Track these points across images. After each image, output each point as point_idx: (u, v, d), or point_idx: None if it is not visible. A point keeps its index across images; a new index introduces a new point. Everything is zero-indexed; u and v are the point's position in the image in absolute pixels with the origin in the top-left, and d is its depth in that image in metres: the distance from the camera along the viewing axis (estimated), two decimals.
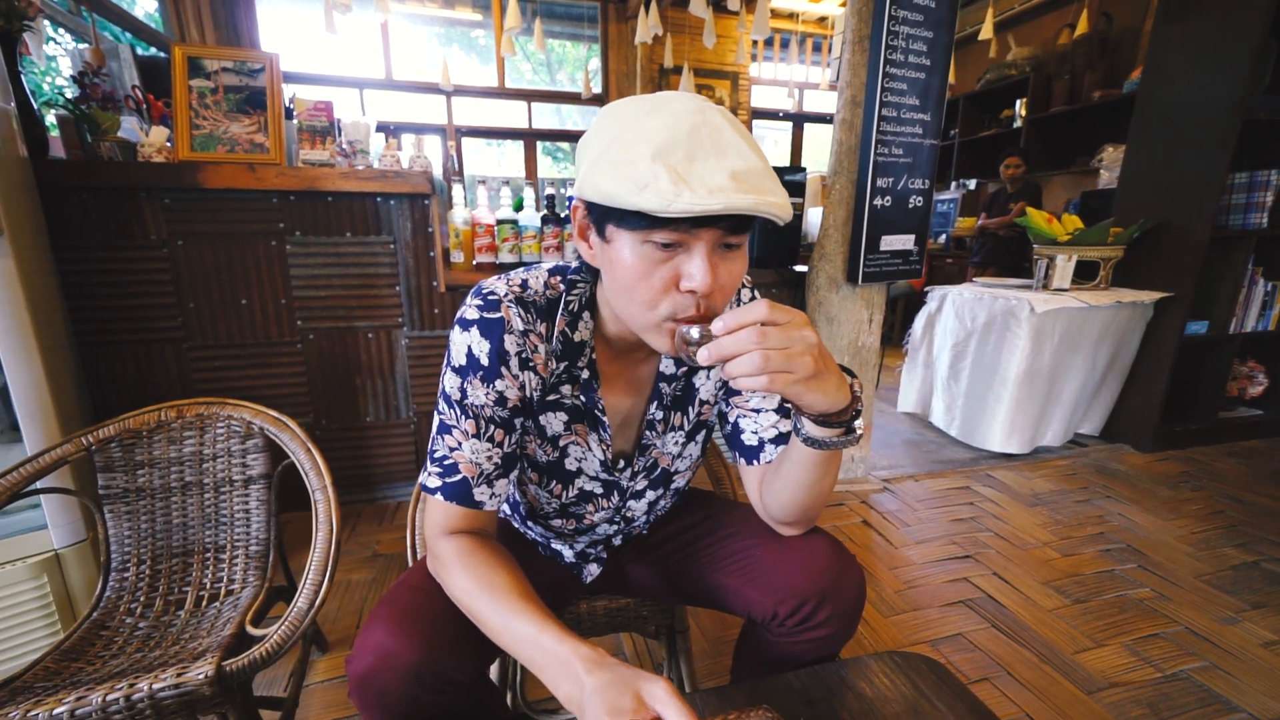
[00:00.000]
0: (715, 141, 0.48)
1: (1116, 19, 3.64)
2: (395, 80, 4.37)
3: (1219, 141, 2.08)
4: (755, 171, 0.48)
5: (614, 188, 0.48)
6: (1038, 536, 1.70)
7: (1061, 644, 1.26)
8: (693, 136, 0.48)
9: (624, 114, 0.52)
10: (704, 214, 0.46)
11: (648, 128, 0.49)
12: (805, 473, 0.60)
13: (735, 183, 0.46)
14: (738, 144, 0.49)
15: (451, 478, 0.61)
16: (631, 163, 0.47)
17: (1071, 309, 2.10)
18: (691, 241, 0.50)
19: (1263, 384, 2.54)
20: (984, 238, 3.81)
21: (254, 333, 1.58)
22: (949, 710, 0.62)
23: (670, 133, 0.48)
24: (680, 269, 0.51)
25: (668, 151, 0.47)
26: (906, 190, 1.77)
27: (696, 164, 0.47)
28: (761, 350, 0.47)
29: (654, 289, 0.52)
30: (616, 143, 0.50)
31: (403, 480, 1.83)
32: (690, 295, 0.52)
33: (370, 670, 0.55)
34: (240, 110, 1.54)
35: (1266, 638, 1.30)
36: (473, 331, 0.60)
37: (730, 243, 0.52)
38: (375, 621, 0.58)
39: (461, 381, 0.60)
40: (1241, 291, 2.27)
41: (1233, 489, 2.03)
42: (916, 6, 1.62)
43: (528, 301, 0.62)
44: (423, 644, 0.56)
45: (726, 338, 0.48)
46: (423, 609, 0.60)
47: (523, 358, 0.62)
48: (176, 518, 1.00)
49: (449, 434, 0.61)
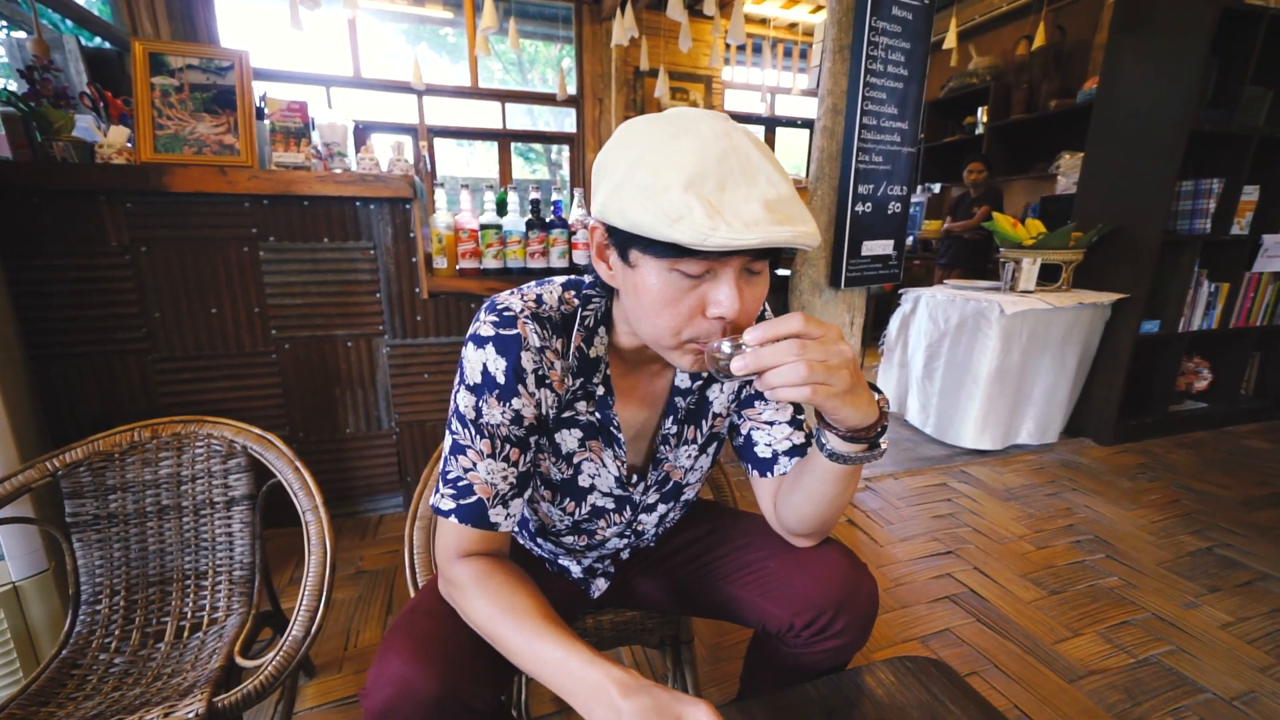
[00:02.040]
0: (745, 169, 0.48)
1: (1069, 32, 3.82)
2: (364, 78, 4.25)
3: (1168, 151, 2.21)
4: (786, 200, 0.48)
5: (645, 218, 0.47)
6: (1013, 530, 1.77)
7: (1042, 635, 1.32)
8: (723, 164, 0.47)
9: (647, 134, 0.51)
10: (742, 249, 0.46)
11: (675, 152, 0.48)
12: (827, 487, 0.61)
13: (769, 214, 0.46)
14: (767, 170, 0.48)
15: (466, 499, 0.59)
16: (662, 191, 0.46)
17: (1038, 310, 2.20)
18: (720, 269, 0.50)
19: (1207, 379, 2.70)
20: (950, 240, 3.94)
21: (225, 343, 1.51)
22: (963, 713, 0.63)
23: (700, 159, 0.47)
24: (707, 296, 0.51)
25: (699, 181, 0.46)
26: (886, 197, 1.82)
27: (728, 193, 0.46)
28: (805, 361, 0.46)
29: (680, 315, 0.52)
30: (643, 166, 0.48)
31: (385, 493, 1.77)
32: (718, 321, 0.52)
33: (390, 704, 0.53)
34: (207, 110, 1.46)
35: (1223, 619, 1.38)
36: (488, 349, 0.58)
37: (754, 269, 0.53)
38: (391, 651, 0.56)
39: (476, 400, 0.59)
40: (1189, 292, 2.41)
41: (1185, 478, 2.15)
42: (895, 18, 1.66)
43: (543, 317, 0.60)
44: (443, 673, 0.54)
45: (766, 349, 0.47)
46: (440, 636, 0.58)
47: (539, 375, 0.60)
48: (153, 544, 0.95)
49: (463, 454, 0.59)
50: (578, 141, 4.95)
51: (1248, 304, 2.56)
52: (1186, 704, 1.13)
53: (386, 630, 0.61)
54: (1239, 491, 2.04)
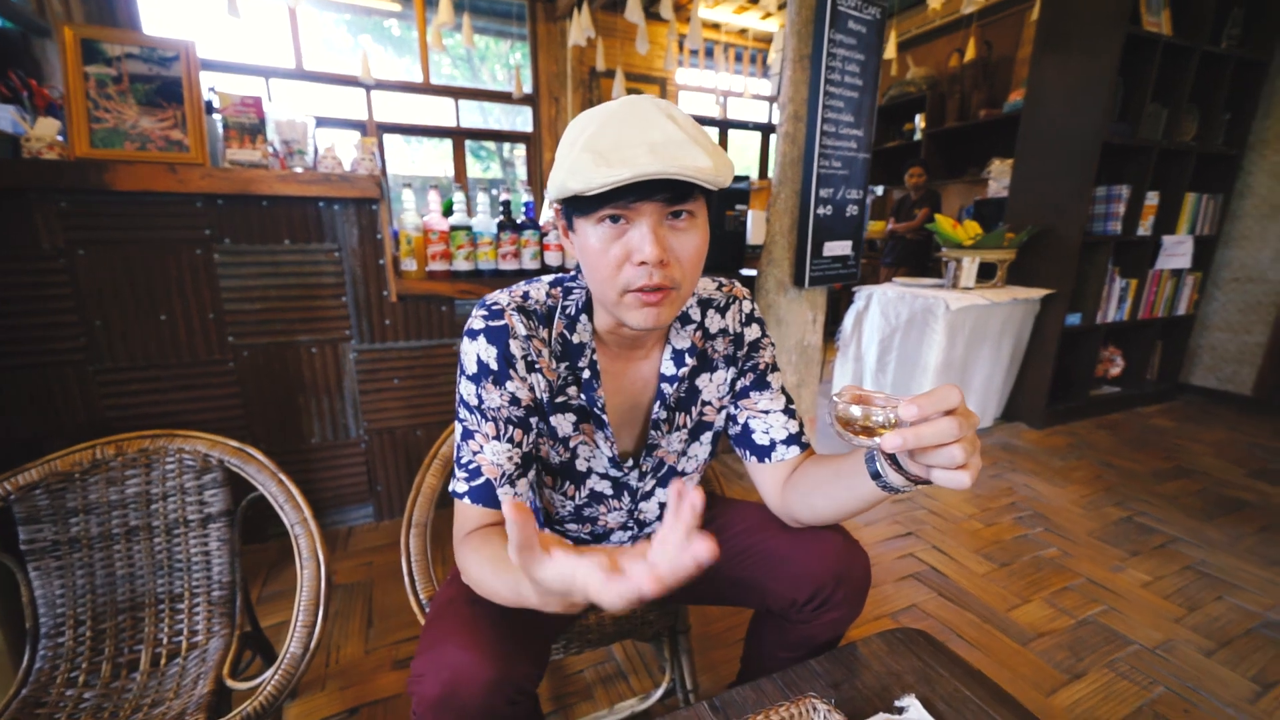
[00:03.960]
0: (638, 122, 0.54)
1: (996, 47, 4.12)
2: (307, 70, 4.02)
3: (1085, 160, 2.44)
4: (674, 142, 0.53)
5: (558, 178, 0.55)
6: (964, 510, 1.91)
7: (996, 604, 1.44)
8: (617, 120, 0.54)
9: (573, 124, 0.59)
10: (616, 184, 0.51)
11: (587, 122, 0.56)
12: (861, 503, 0.64)
13: (651, 154, 0.51)
14: (659, 121, 0.54)
15: (476, 481, 0.63)
16: (568, 153, 0.55)
17: (979, 305, 2.37)
18: (634, 216, 0.55)
19: (1120, 365, 3.00)
20: (894, 240, 4.17)
21: (177, 351, 1.41)
22: (951, 675, 0.70)
23: (599, 123, 0.55)
24: (630, 244, 0.56)
25: (595, 139, 0.53)
26: (844, 200, 1.91)
27: (621, 145, 0.52)
28: (966, 442, 0.45)
29: (611, 264, 0.57)
30: (565, 141, 0.57)
31: (354, 504, 1.71)
32: (643, 267, 0.56)
33: (448, 689, 0.54)
34: (151, 103, 1.37)
35: (1144, 579, 1.55)
36: (480, 340, 0.64)
37: (677, 211, 0.56)
38: (443, 640, 0.58)
39: (476, 388, 0.64)
40: (1105, 288, 2.67)
41: (1105, 456, 2.38)
42: (850, 31, 1.75)
43: (529, 310, 0.66)
44: (496, 655, 0.56)
45: (927, 426, 0.45)
46: (489, 621, 0.60)
47: (528, 361, 0.65)
48: (121, 568, 0.89)
49: (471, 439, 0.64)
50: (534, 141, 4.89)
51: (1152, 297, 2.86)
52: (1119, 656, 1.26)
53: (429, 621, 0.63)
54: (1149, 465, 2.28)
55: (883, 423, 0.47)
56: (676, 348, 0.72)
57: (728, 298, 0.78)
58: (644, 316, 0.58)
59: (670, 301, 0.59)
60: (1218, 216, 2.90)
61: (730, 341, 0.77)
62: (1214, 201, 2.86)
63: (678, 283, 0.58)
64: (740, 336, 0.78)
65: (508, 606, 0.55)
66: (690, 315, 0.74)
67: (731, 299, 0.78)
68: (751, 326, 0.79)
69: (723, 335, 0.77)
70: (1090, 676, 1.20)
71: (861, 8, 1.76)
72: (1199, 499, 2.00)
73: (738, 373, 0.77)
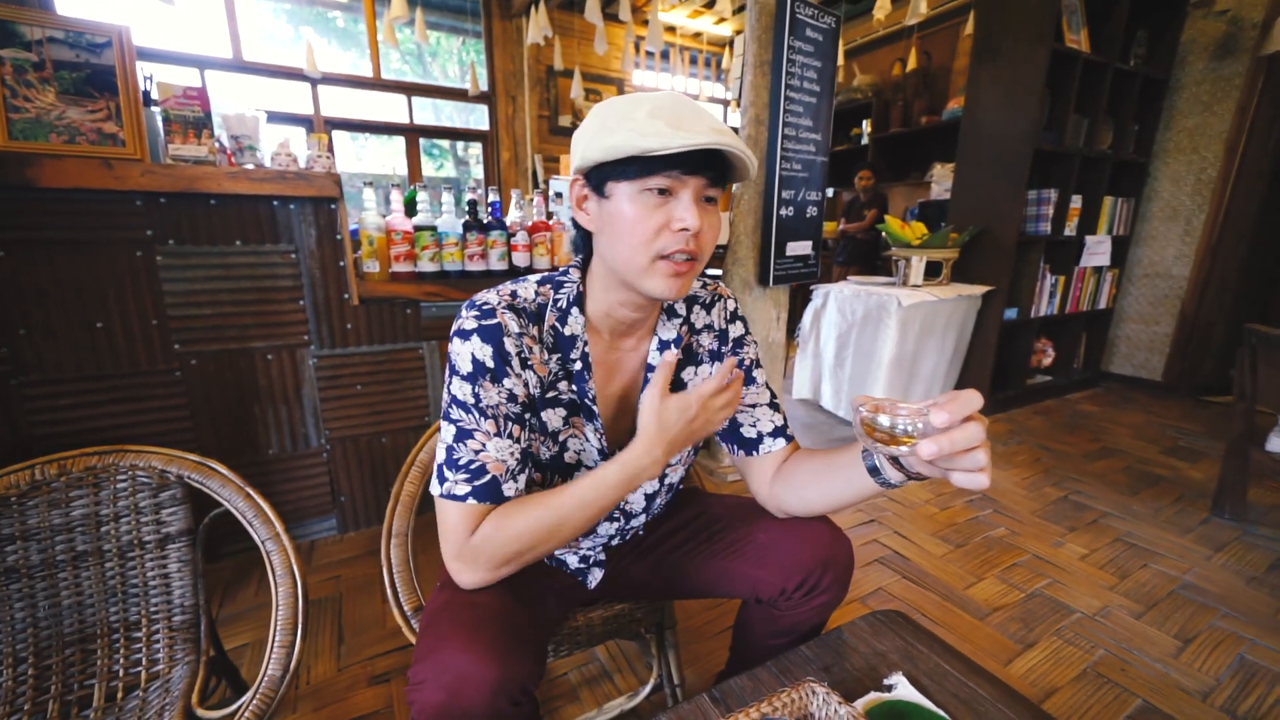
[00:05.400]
0: (695, 110, 0.60)
1: (934, 57, 4.36)
2: (246, 62, 3.78)
3: (1019, 166, 2.62)
4: (723, 129, 0.60)
5: (617, 139, 0.58)
6: (920, 496, 2.02)
7: (954, 583, 1.53)
8: (677, 104, 0.60)
9: (613, 102, 0.63)
10: (697, 147, 0.56)
11: (639, 100, 0.61)
12: (857, 497, 0.69)
13: (717, 133, 0.57)
14: (706, 112, 0.61)
15: (480, 479, 0.62)
16: (629, 116, 0.59)
17: (928, 302, 2.51)
18: (680, 188, 0.60)
19: (1051, 356, 3.24)
20: (846, 240, 4.34)
21: (115, 361, 1.31)
22: (930, 652, 0.74)
23: (658, 101, 0.60)
24: (672, 213, 0.60)
25: (661, 111, 0.58)
26: (805, 201, 1.98)
27: (685, 120, 0.58)
28: (986, 447, 0.47)
29: (650, 229, 0.60)
30: (613, 113, 0.61)
31: (316, 516, 1.63)
32: (682, 234, 0.60)
33: (452, 693, 0.53)
34: (80, 92, 1.26)
35: (1081, 552, 1.69)
36: (473, 339, 0.64)
37: (710, 195, 0.63)
38: (445, 645, 0.57)
39: (473, 387, 0.63)
40: (1037, 284, 2.88)
41: (1042, 440, 2.57)
42: (808, 39, 1.82)
43: (519, 308, 0.67)
44: (498, 656, 0.56)
45: (958, 432, 0.47)
46: (490, 624, 0.60)
47: (522, 357, 0.66)
48: (67, 598, 0.82)
49: (470, 438, 0.63)
50: (491, 139, 4.79)
51: (1077, 293, 3.10)
52: (1065, 624, 1.37)
53: (424, 627, 0.62)
54: (1080, 448, 2.48)
55: (908, 430, 0.48)
56: (663, 338, 0.75)
57: (713, 295, 0.81)
58: (669, 285, 0.62)
59: (692, 273, 0.64)
60: (1131, 218, 3.19)
61: (715, 337, 0.79)
62: (1128, 204, 3.14)
63: (702, 255, 0.63)
64: (725, 333, 0.80)
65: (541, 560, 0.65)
66: (676, 309, 0.76)
67: (716, 297, 0.81)
68: (736, 324, 0.81)
69: (708, 331, 0.79)
70: (1041, 645, 1.30)
71: (818, 16, 1.83)
72: (1124, 475, 2.19)
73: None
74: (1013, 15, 2.57)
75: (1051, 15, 2.43)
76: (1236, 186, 2.90)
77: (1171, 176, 3.10)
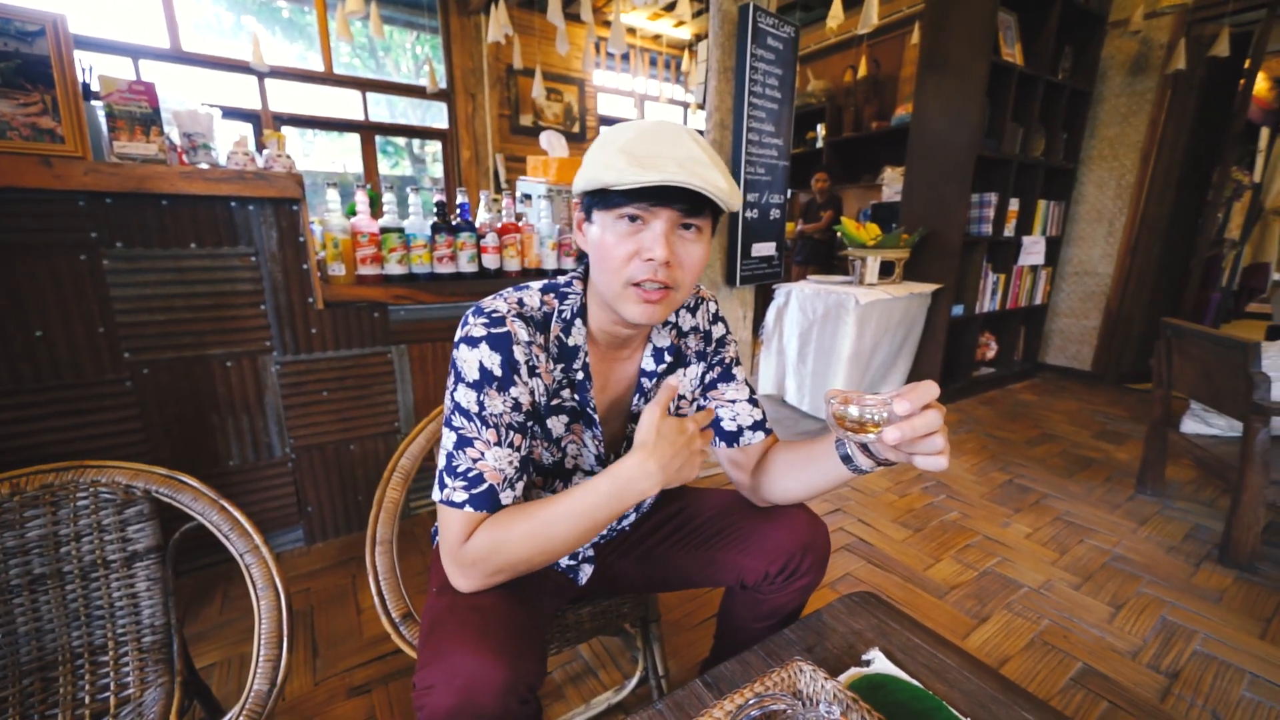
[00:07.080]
0: (671, 138, 0.62)
1: (883, 65, 4.56)
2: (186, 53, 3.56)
3: (963, 170, 2.78)
4: (698, 160, 0.61)
5: (590, 172, 0.62)
6: (880, 485, 2.13)
7: (915, 565, 1.62)
8: (653, 133, 0.62)
9: (611, 129, 0.65)
10: (644, 184, 0.58)
11: (621, 131, 0.63)
12: (831, 484, 0.73)
13: (678, 167, 0.59)
14: (687, 143, 0.62)
15: (478, 488, 0.63)
16: (603, 149, 0.61)
17: (884, 300, 2.63)
18: (651, 218, 0.62)
19: (994, 349, 3.45)
20: (803, 240, 4.48)
21: (56, 372, 1.23)
22: (902, 629, 0.80)
23: (637, 131, 0.62)
24: (642, 242, 0.62)
25: (632, 144, 0.60)
26: (768, 204, 2.05)
27: (651, 152, 0.59)
28: (944, 431, 0.53)
29: (621, 257, 0.62)
30: (600, 142, 0.64)
31: (282, 528, 1.58)
32: (650, 264, 0.62)
33: (464, 696, 0.54)
34: (11, 85, 1.18)
35: (1026, 531, 1.82)
36: (482, 347, 0.64)
37: (688, 224, 0.64)
38: (447, 647, 0.57)
39: (478, 395, 0.64)
40: (981, 282, 3.06)
41: (987, 428, 2.74)
42: (769, 47, 1.88)
43: (526, 316, 0.68)
44: (506, 657, 0.57)
45: (919, 419, 0.51)
46: (495, 625, 0.61)
47: (530, 366, 0.67)
48: (24, 624, 0.77)
49: (470, 446, 0.64)
50: (451, 138, 4.69)
51: (1017, 290, 3.32)
52: (1014, 598, 1.48)
53: (426, 632, 0.62)
54: (1022, 434, 2.66)
55: (874, 419, 0.53)
56: (657, 346, 0.78)
57: (696, 298, 0.84)
58: (641, 311, 0.64)
59: (668, 301, 0.65)
60: (1062, 220, 3.44)
61: (701, 338, 0.83)
62: (1059, 207, 3.38)
63: (677, 284, 0.64)
64: (709, 334, 0.84)
65: (533, 570, 0.65)
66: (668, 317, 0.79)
67: (699, 300, 0.84)
68: (718, 325, 0.85)
69: (694, 333, 0.82)
70: (993, 619, 1.40)
71: (778, 25, 1.90)
72: (1060, 459, 2.37)
73: (707, 367, 0.84)
74: (955, 29, 2.73)
75: (989, 30, 2.60)
76: (1150, 192, 3.17)
77: (1096, 182, 3.35)
